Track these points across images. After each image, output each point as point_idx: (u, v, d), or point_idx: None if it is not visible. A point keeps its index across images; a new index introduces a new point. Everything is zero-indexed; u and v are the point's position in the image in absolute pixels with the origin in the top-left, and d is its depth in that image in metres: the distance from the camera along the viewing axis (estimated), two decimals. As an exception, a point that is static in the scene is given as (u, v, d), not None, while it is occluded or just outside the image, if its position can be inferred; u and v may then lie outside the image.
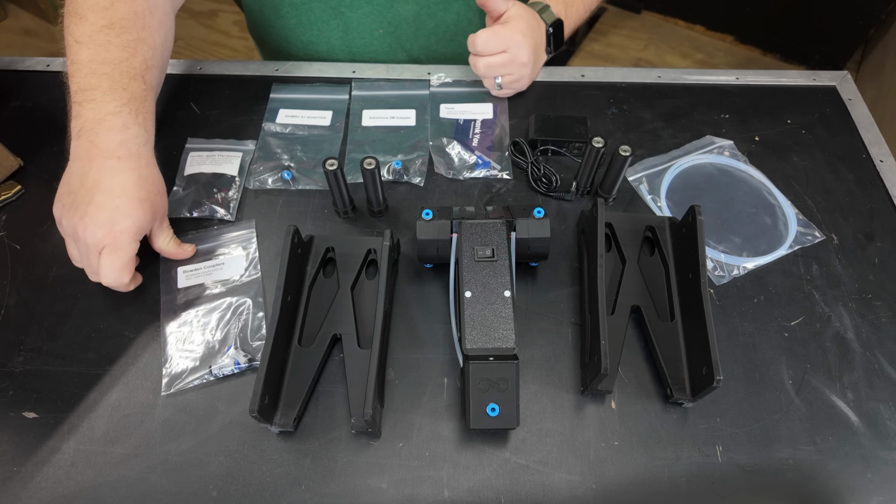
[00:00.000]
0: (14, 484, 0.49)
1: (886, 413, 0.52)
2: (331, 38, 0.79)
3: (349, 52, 0.81)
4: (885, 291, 0.59)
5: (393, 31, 0.79)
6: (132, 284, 0.56)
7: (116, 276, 0.53)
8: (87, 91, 0.55)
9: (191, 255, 0.60)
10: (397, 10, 0.76)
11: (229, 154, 0.68)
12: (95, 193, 0.51)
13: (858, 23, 1.79)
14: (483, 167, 0.68)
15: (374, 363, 0.48)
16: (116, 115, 0.54)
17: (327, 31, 0.79)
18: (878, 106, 1.66)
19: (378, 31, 0.78)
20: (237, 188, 0.66)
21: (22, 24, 2.13)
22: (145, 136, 0.56)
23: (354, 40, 0.79)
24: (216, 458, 0.50)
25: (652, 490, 0.49)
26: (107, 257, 0.52)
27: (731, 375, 0.54)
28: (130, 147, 0.54)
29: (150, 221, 0.55)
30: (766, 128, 0.73)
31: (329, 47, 0.81)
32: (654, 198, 0.66)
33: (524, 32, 0.67)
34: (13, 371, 0.54)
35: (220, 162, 0.67)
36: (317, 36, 0.80)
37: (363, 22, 0.77)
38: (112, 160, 0.53)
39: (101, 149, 0.53)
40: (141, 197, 0.53)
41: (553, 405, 0.53)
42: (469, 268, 0.52)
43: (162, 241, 0.57)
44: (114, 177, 0.52)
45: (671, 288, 0.57)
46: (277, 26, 0.81)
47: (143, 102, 0.57)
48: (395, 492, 0.49)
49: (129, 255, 0.53)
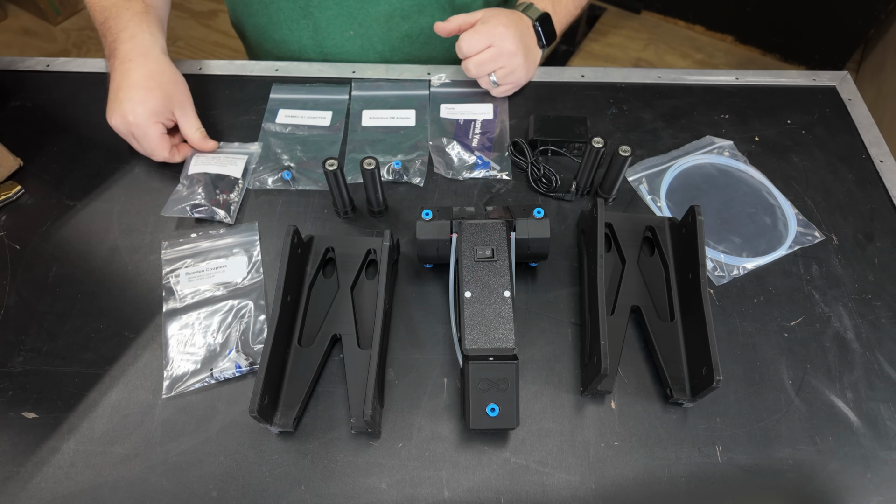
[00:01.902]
0: (14, 484, 0.49)
1: (886, 413, 0.52)
2: (301, 37, 0.79)
3: (320, 51, 0.81)
4: (885, 291, 0.59)
5: (364, 33, 0.78)
6: (177, 156, 0.66)
7: (154, 153, 0.65)
8: (102, 23, 0.67)
9: (212, 148, 0.67)
10: (367, 11, 0.76)
11: (234, 156, 0.68)
12: (118, 92, 0.63)
13: (858, 23, 1.79)
14: (483, 167, 0.68)
15: (373, 363, 0.48)
16: (124, 30, 0.65)
17: (298, 31, 0.79)
18: (877, 106, 1.66)
19: (349, 32, 0.78)
20: (240, 191, 0.65)
21: (22, 24, 2.13)
22: (151, 40, 0.66)
23: (325, 40, 0.79)
24: (216, 459, 0.50)
25: (652, 490, 0.49)
26: (140, 141, 0.64)
27: (731, 376, 0.54)
28: (139, 50, 0.64)
29: (164, 105, 0.63)
30: (765, 128, 0.73)
31: (300, 46, 0.81)
32: (653, 198, 0.66)
33: (505, 24, 0.67)
34: (13, 371, 0.54)
35: (225, 163, 0.67)
36: (287, 35, 0.80)
37: (333, 22, 0.77)
38: (126, 64, 0.63)
39: (119, 58, 0.64)
40: (150, 86, 0.63)
41: (553, 405, 0.53)
42: (469, 268, 0.52)
43: (187, 128, 0.66)
44: (125, 76, 0.63)
45: (671, 288, 0.57)
46: (250, 24, 0.82)
47: (144, 15, 0.67)
48: (394, 492, 0.49)
49: (155, 135, 0.63)
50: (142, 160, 0.69)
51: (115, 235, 0.63)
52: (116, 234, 0.63)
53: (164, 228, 0.63)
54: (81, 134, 0.71)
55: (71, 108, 0.74)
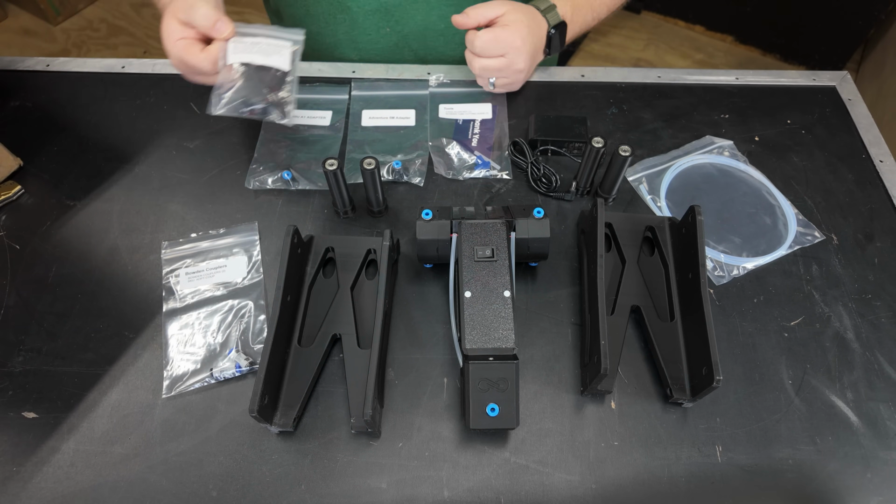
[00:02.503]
0: (14, 484, 0.49)
1: (886, 413, 0.52)
2: (337, 31, 0.79)
3: (355, 47, 0.81)
4: (885, 291, 0.59)
5: (400, 31, 0.78)
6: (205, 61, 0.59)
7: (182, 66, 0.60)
8: None
9: (225, 34, 0.58)
10: (406, 9, 0.76)
11: (277, 43, 0.59)
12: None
13: (858, 23, 1.79)
14: (483, 167, 0.68)
15: (373, 363, 0.48)
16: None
17: (334, 24, 0.79)
18: (877, 106, 1.66)
19: (385, 30, 0.78)
20: (290, 86, 0.58)
21: (22, 24, 2.13)
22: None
23: (360, 36, 0.79)
24: (216, 459, 0.50)
25: (651, 490, 0.49)
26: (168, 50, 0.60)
27: (731, 375, 0.54)
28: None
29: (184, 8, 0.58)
30: (765, 128, 0.73)
31: (335, 41, 0.80)
32: (653, 198, 0.66)
33: (524, 38, 0.66)
34: (13, 371, 0.54)
35: (269, 52, 0.58)
36: (323, 27, 0.79)
37: (370, 18, 0.77)
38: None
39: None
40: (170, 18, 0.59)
41: (553, 405, 0.53)
42: (469, 268, 0.52)
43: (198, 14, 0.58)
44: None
45: (671, 288, 0.57)
46: (287, 14, 0.82)
47: None
48: (394, 492, 0.49)
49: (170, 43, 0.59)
50: (142, 160, 0.69)
51: (115, 235, 0.63)
52: (116, 234, 0.63)
53: (164, 228, 0.63)
54: (81, 134, 0.71)
55: (71, 108, 0.74)
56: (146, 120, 0.73)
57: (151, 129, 0.72)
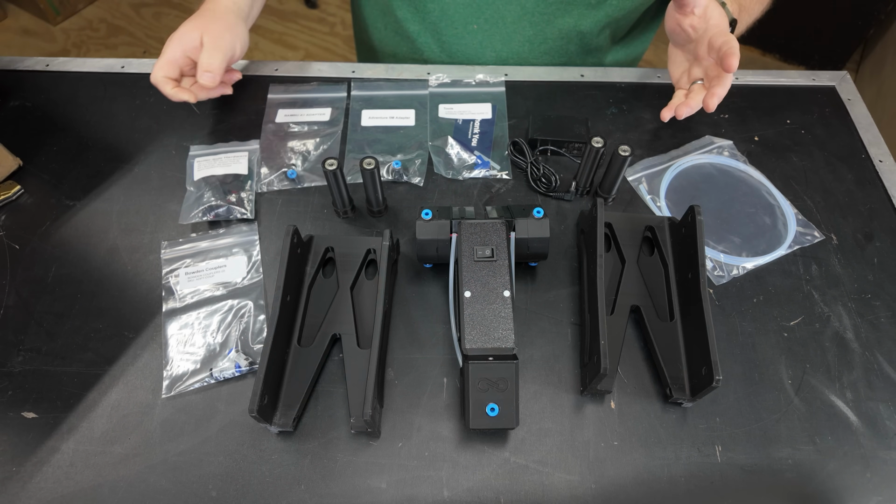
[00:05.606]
0: (13, 484, 0.49)
1: (885, 413, 0.52)
2: (425, 18, 0.78)
3: (437, 39, 0.79)
4: (885, 291, 0.60)
5: (488, 30, 0.77)
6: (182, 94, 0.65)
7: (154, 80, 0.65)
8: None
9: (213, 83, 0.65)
10: (497, 8, 0.74)
11: (236, 154, 0.68)
12: None
13: (858, 23, 1.79)
14: (482, 167, 0.68)
15: (373, 363, 0.48)
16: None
17: (421, 12, 0.78)
18: (877, 106, 1.67)
19: (472, 26, 0.77)
20: (250, 186, 0.66)
21: (22, 24, 2.13)
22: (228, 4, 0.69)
23: (446, 28, 0.78)
24: (215, 459, 0.50)
25: (651, 490, 0.49)
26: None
27: (731, 375, 0.54)
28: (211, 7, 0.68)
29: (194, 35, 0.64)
30: (765, 128, 0.73)
31: (417, 29, 0.80)
32: (653, 198, 0.66)
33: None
34: (12, 371, 0.54)
35: (228, 163, 0.67)
36: (407, 15, 0.79)
37: (459, 11, 0.75)
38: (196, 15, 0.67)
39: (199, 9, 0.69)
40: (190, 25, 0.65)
41: (552, 405, 0.53)
42: (468, 268, 0.52)
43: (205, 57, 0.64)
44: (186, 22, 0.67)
45: (671, 288, 0.57)
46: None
47: None
48: (394, 492, 0.49)
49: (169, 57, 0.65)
50: (142, 160, 0.69)
51: (115, 235, 0.63)
52: (116, 234, 0.63)
53: (163, 228, 0.63)
54: (81, 134, 0.71)
55: (71, 108, 0.74)
56: (146, 120, 0.73)
57: (151, 129, 0.72)
